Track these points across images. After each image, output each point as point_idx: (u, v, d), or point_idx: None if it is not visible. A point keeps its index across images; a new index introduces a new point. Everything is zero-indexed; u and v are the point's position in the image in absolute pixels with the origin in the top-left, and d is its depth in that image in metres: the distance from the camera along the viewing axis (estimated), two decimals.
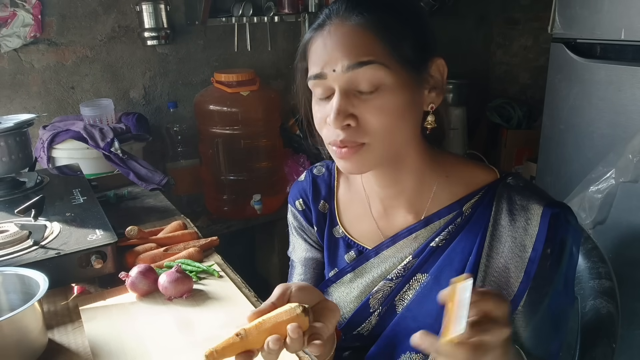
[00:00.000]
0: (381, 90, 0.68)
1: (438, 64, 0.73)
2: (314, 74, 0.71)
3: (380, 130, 0.69)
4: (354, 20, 0.69)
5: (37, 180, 1.29)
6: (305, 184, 0.95)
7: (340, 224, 0.89)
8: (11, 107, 1.87)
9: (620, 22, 1.60)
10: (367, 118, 0.69)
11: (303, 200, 0.94)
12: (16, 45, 1.80)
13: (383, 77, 0.68)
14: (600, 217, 1.63)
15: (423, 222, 0.80)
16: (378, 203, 0.85)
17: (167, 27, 2.04)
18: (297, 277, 0.96)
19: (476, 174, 0.80)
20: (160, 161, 2.12)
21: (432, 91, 0.74)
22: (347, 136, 0.69)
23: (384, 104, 0.69)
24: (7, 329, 0.71)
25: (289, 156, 2.22)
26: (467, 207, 0.78)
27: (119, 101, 2.06)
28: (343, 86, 0.69)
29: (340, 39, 0.69)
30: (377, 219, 0.85)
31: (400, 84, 0.69)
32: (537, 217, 0.72)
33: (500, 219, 0.75)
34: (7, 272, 0.83)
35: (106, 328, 0.82)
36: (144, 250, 1.05)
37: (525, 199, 0.74)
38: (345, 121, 0.68)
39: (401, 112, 0.70)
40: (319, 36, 0.71)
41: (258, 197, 2.01)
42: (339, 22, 0.69)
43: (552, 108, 1.90)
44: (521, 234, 0.73)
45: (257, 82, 1.97)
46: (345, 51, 0.68)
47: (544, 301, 0.74)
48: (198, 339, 0.80)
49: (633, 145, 1.54)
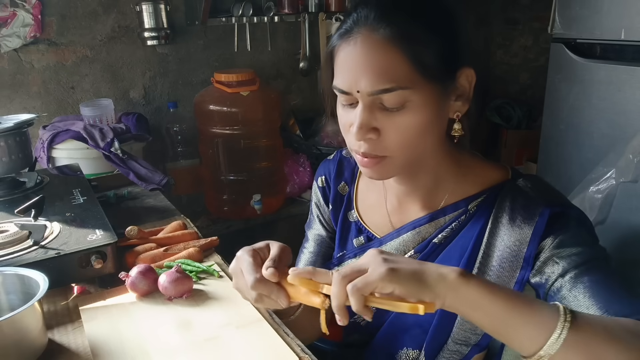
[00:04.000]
0: (406, 108, 0.67)
1: (467, 74, 0.71)
2: (339, 89, 0.70)
3: (402, 145, 0.70)
4: (382, 33, 0.66)
5: (37, 180, 1.29)
6: (332, 163, 0.96)
7: (355, 209, 0.91)
8: (11, 107, 1.87)
9: (620, 22, 1.60)
10: (390, 133, 0.69)
11: (325, 178, 0.96)
12: (16, 45, 1.80)
13: (408, 97, 0.67)
14: (600, 217, 1.63)
15: (428, 217, 0.81)
16: (393, 197, 0.86)
17: (167, 27, 2.04)
18: (307, 251, 0.99)
19: (490, 174, 0.80)
20: (160, 161, 2.12)
21: (459, 100, 0.72)
22: (368, 148, 0.70)
23: (409, 122, 0.68)
24: (7, 329, 0.71)
25: (289, 156, 2.22)
26: (473, 206, 0.78)
27: (119, 101, 2.06)
28: (367, 102, 0.68)
29: (366, 57, 0.66)
30: (390, 211, 0.86)
31: (426, 101, 0.68)
32: (536, 217, 0.72)
33: (501, 217, 0.75)
34: (7, 272, 0.83)
35: (106, 328, 0.82)
36: (144, 250, 1.05)
37: (529, 199, 0.74)
38: (368, 135, 0.68)
39: (425, 127, 0.69)
40: (345, 45, 0.69)
41: (258, 197, 2.01)
42: (367, 34, 0.67)
43: (552, 108, 1.90)
44: (517, 232, 0.73)
45: (257, 82, 1.97)
46: (369, 74, 0.66)
47: (590, 276, 0.68)
48: (198, 339, 0.80)
49: (633, 145, 1.54)
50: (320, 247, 0.99)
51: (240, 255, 0.73)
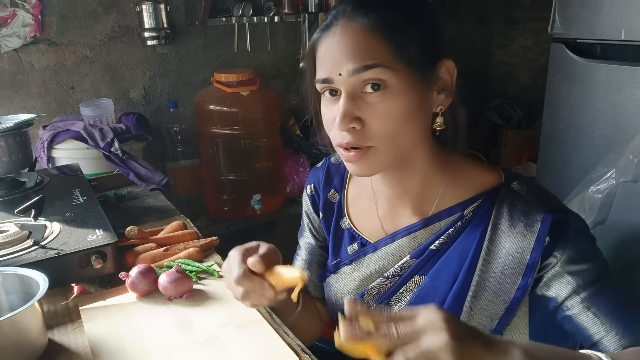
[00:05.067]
0: (386, 93, 0.68)
1: (447, 65, 0.73)
2: (322, 78, 0.72)
3: (385, 133, 0.70)
4: (360, 21, 0.69)
5: (37, 180, 1.29)
6: (320, 170, 0.96)
7: (347, 216, 0.90)
8: (11, 107, 1.87)
9: (620, 22, 1.60)
10: (373, 122, 0.69)
11: (314, 186, 0.96)
12: (16, 45, 1.80)
13: (388, 79, 0.68)
14: (600, 217, 1.63)
15: (423, 223, 0.80)
16: (384, 202, 0.85)
17: (167, 27, 2.04)
18: (300, 258, 0.99)
19: (482, 177, 0.79)
20: (160, 161, 2.12)
21: (441, 93, 0.73)
22: (353, 139, 0.70)
23: (389, 108, 0.69)
24: (7, 329, 0.71)
25: (289, 156, 2.22)
26: (469, 211, 0.77)
27: (119, 101, 2.06)
28: (349, 89, 0.69)
29: (346, 42, 0.69)
30: (381, 217, 0.85)
31: (406, 87, 0.69)
32: (538, 223, 0.71)
33: (500, 223, 0.74)
34: (7, 272, 0.83)
35: (106, 328, 0.82)
36: (144, 250, 1.05)
37: (527, 204, 0.73)
38: (351, 124, 0.69)
39: (407, 115, 0.70)
40: (325, 37, 0.72)
41: (258, 197, 2.01)
42: (345, 23, 0.70)
43: (552, 108, 1.90)
44: (520, 239, 0.72)
45: (257, 82, 1.97)
46: (350, 55, 0.68)
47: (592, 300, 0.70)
48: (198, 339, 0.80)
49: (633, 145, 1.54)
50: (312, 255, 0.98)
51: (230, 254, 0.74)
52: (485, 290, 0.74)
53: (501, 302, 0.74)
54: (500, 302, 0.74)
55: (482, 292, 0.74)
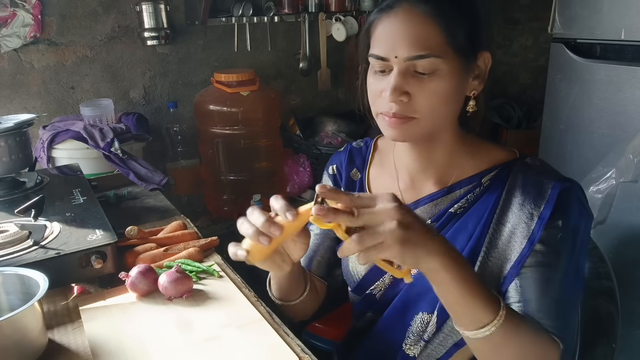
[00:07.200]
0: (436, 75, 0.76)
1: (485, 56, 0.81)
2: (377, 55, 0.78)
3: (429, 109, 0.77)
4: (422, 7, 0.75)
5: (37, 180, 1.29)
6: (342, 154, 1.03)
7: (369, 191, 0.95)
8: (11, 107, 1.87)
9: (620, 22, 1.60)
10: (420, 97, 0.76)
11: (337, 167, 1.03)
12: (16, 45, 1.80)
13: (439, 65, 0.75)
14: (600, 217, 1.63)
15: (445, 190, 0.86)
16: (406, 176, 0.91)
17: (167, 27, 2.04)
18: (313, 233, 1.02)
19: (498, 153, 0.88)
20: (160, 161, 2.12)
21: (476, 79, 0.81)
22: (399, 110, 0.77)
23: (436, 87, 0.76)
24: (7, 329, 0.71)
25: (289, 156, 2.22)
26: (486, 180, 0.85)
27: (119, 101, 2.06)
28: (402, 69, 0.76)
29: (407, 27, 0.75)
30: (402, 190, 0.91)
31: (451, 72, 0.76)
32: (548, 190, 0.78)
33: (514, 189, 0.81)
34: (7, 272, 0.83)
35: (106, 328, 0.82)
36: (144, 250, 1.05)
37: (539, 174, 0.81)
38: (400, 97, 0.76)
39: (449, 95, 0.78)
40: (386, 17, 0.77)
41: (258, 197, 2.01)
42: (408, 7, 0.76)
43: (552, 108, 1.90)
44: (530, 204, 0.79)
45: (257, 82, 1.97)
46: (408, 41, 0.74)
47: (554, 276, 0.77)
48: (198, 339, 0.80)
49: (633, 145, 1.54)
50: (322, 238, 1.02)
51: None
52: (496, 247, 0.80)
53: (509, 260, 0.79)
54: (507, 260, 0.79)
55: (493, 250, 0.80)
